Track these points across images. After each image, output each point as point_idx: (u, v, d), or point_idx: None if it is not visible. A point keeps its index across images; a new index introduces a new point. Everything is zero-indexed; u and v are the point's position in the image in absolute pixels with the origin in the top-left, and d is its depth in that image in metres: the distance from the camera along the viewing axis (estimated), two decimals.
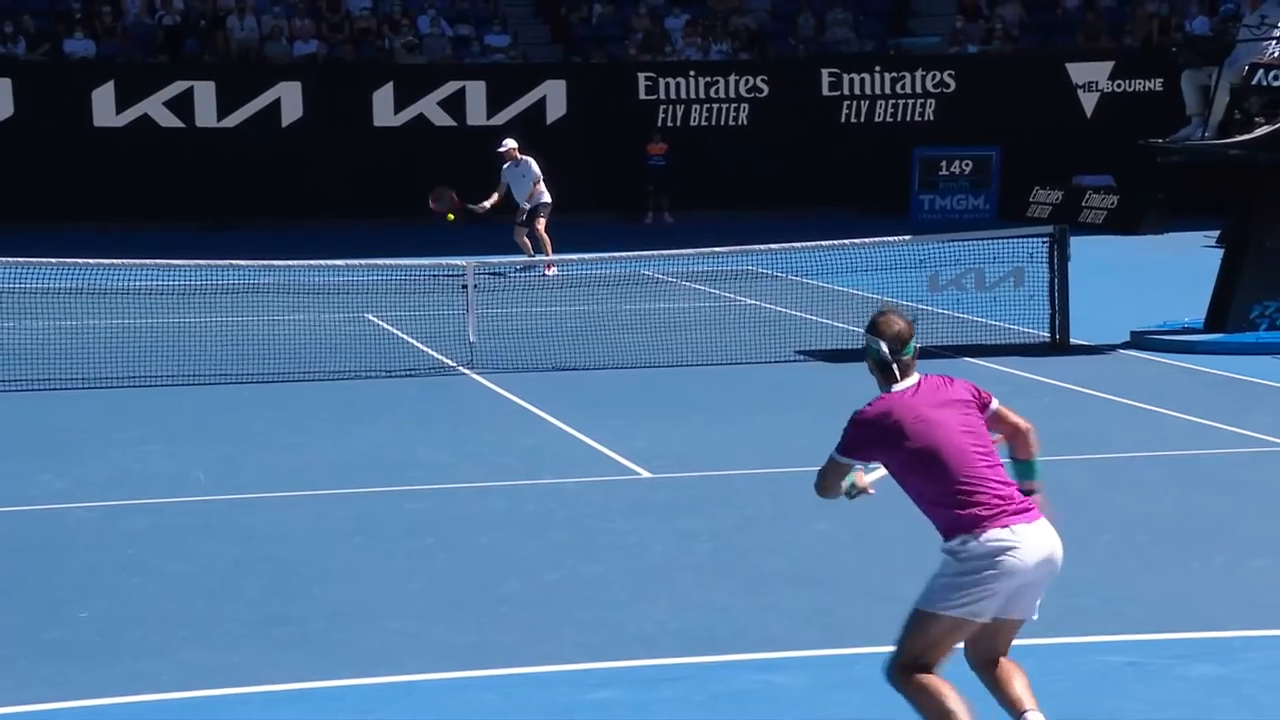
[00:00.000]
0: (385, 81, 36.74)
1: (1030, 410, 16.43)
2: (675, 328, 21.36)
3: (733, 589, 10.76)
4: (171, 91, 36.00)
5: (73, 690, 9.01)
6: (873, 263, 23.04)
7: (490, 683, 9.10)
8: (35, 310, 21.18)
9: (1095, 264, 21.19)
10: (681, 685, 9.01)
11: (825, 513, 12.58)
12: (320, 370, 18.83)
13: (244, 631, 10.02)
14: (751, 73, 38.07)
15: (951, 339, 20.12)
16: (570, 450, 14.91)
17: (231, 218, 33.61)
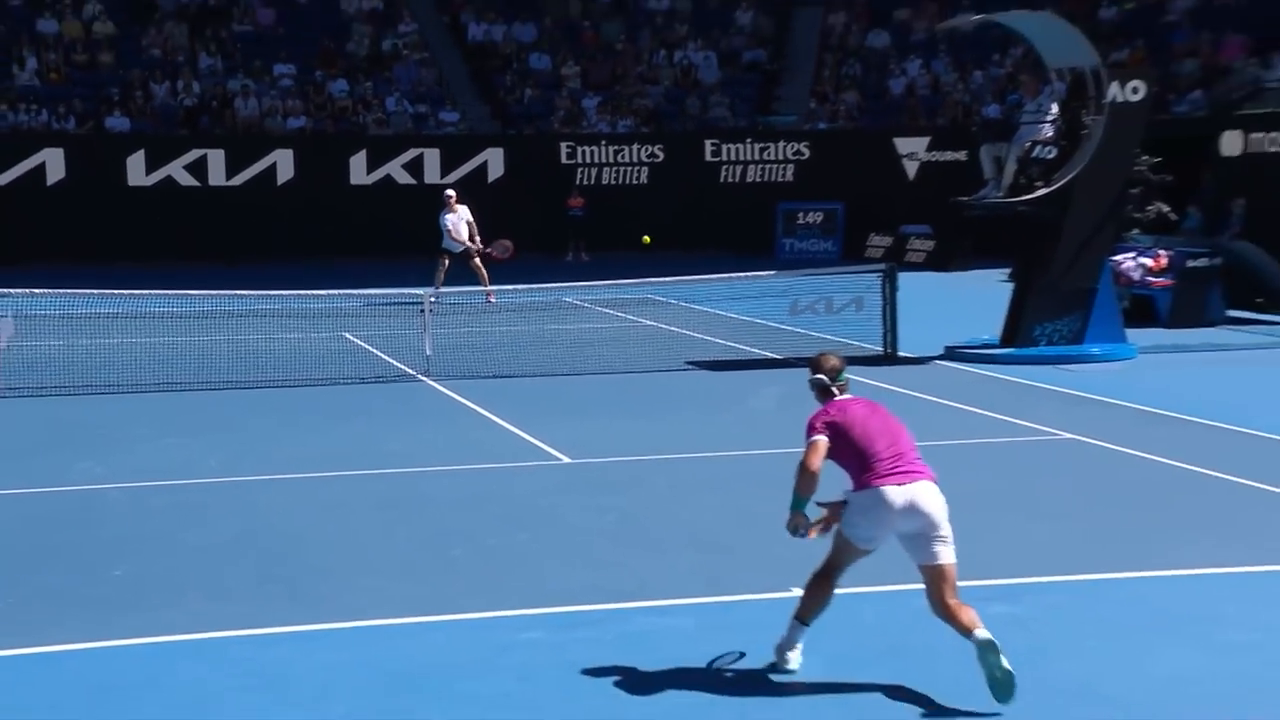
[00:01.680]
0: (359, 149, 36.62)
1: None
2: (591, 343, 21.38)
3: (635, 551, 10.74)
4: (190, 157, 35.81)
5: (109, 633, 8.95)
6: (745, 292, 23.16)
7: (440, 626, 9.06)
8: (79, 331, 21.04)
9: (917, 294, 21.30)
10: (594, 628, 8.98)
11: (710, 491, 12.63)
12: (307, 378, 18.71)
13: (245, 587, 9.93)
14: (650, 142, 38.14)
15: (807, 352, 20.11)
16: (507, 441, 14.86)
17: (236, 257, 33.37)
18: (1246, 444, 14.19)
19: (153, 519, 11.89)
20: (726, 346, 21.18)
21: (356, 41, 40.06)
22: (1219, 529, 11.07)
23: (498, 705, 7.73)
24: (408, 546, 10.94)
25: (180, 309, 22.68)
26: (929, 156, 37.92)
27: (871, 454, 7.95)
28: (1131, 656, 8.32)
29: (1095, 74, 19.49)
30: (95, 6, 39.36)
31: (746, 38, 42.40)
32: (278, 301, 24.62)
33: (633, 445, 14.45)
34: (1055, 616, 8.98)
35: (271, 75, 38.69)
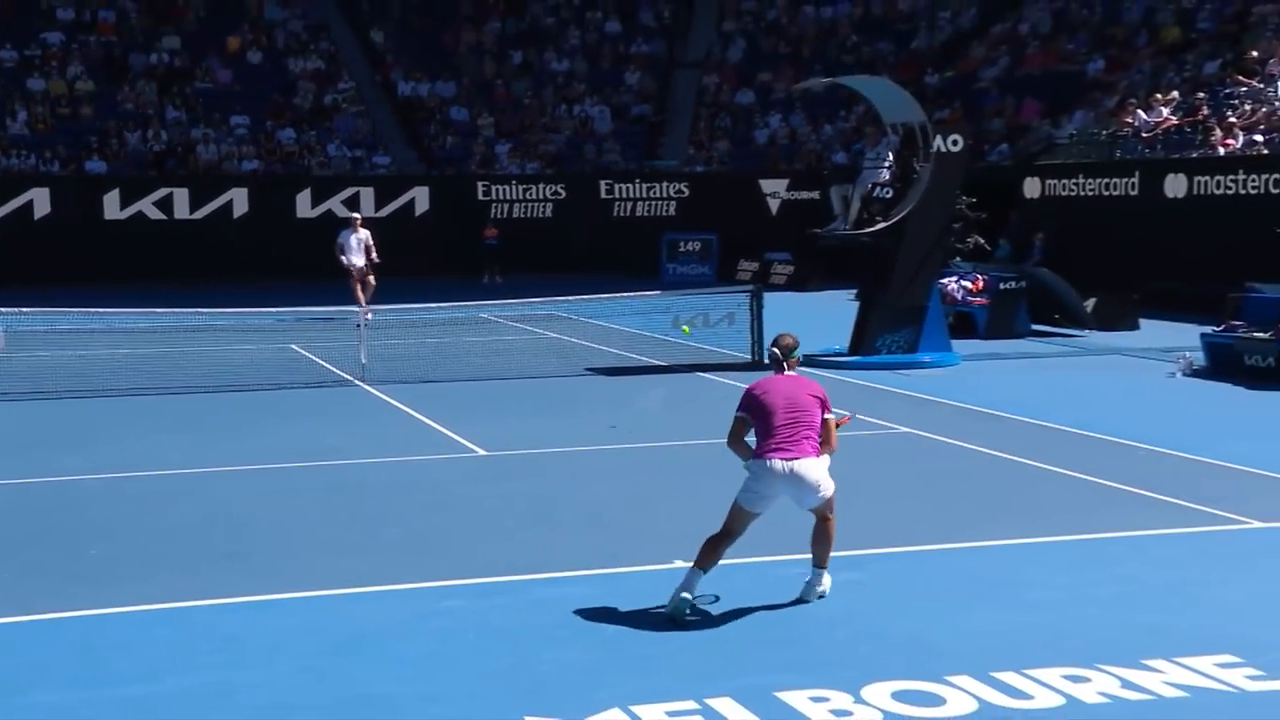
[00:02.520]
0: (304, 188, 36.17)
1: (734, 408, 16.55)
2: (504, 353, 21.30)
3: (541, 530, 10.73)
4: (158, 195, 35.18)
5: (88, 603, 8.83)
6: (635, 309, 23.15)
7: (375, 595, 9.00)
8: (63, 344, 20.67)
9: (779, 310, 21.42)
10: (506, 596, 8.97)
11: (606, 478, 12.64)
12: (260, 384, 18.47)
13: (206, 563, 9.81)
14: (553, 182, 38.03)
15: (689, 360, 20.25)
16: (432, 437, 14.77)
17: (197, 279, 32.87)
18: (1048, 436, 14.44)
19: (126, 505, 11.71)
20: (620, 355, 21.21)
21: (302, 96, 39.69)
22: (1026, 506, 11.26)
23: (424, 663, 7.71)
24: (347, 527, 10.86)
25: (150, 325, 22.30)
26: (788, 195, 38.15)
27: (769, 430, 8.28)
28: (952, 614, 8.45)
29: (923, 129, 19.73)
30: (77, 67, 38.80)
31: (634, 94, 42.49)
32: (235, 318, 24.33)
33: (539, 440, 14.42)
34: (892, 581, 9.10)
35: (229, 125, 38.22)
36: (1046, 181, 30.80)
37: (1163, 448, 13.49)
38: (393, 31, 42.97)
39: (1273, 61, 29.68)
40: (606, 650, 7.83)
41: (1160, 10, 36.52)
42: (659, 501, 11.61)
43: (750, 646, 7.83)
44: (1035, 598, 8.72)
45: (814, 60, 42.65)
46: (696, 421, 15.59)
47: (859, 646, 7.82)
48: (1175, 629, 8.04)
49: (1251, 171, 25.63)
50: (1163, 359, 19.85)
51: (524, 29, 44.19)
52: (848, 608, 8.54)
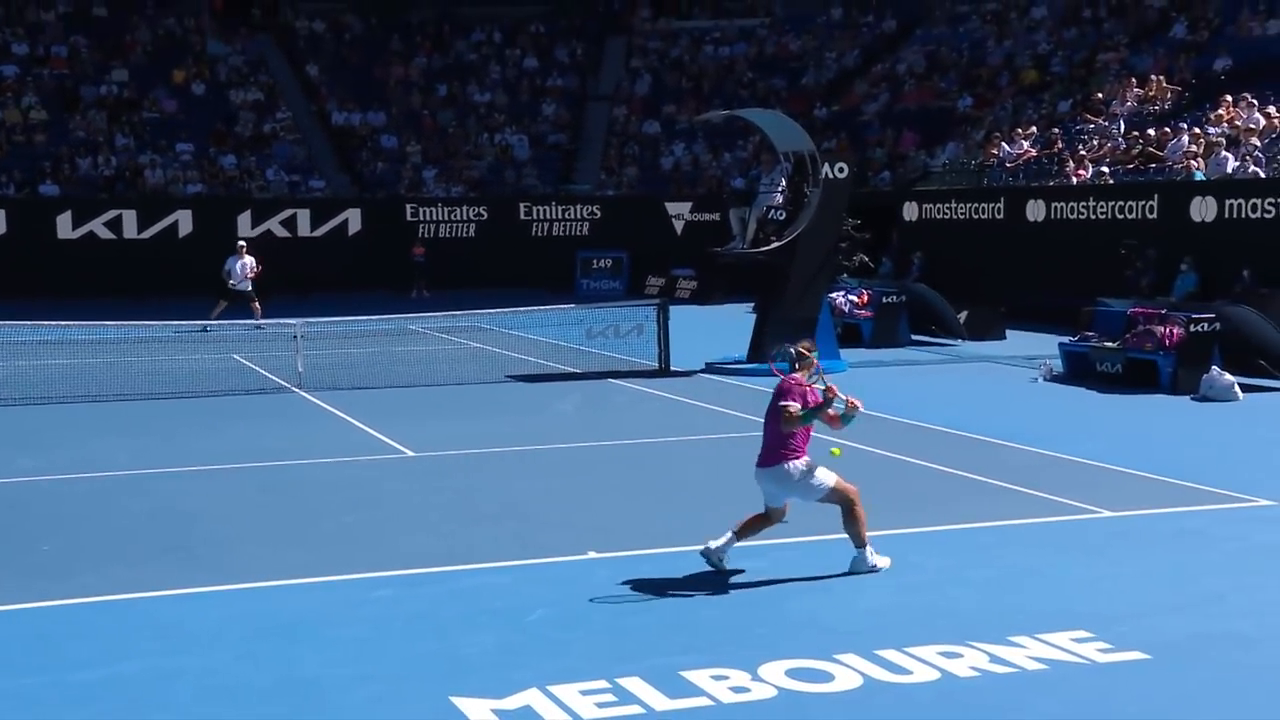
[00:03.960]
0: (245, 209, 35.67)
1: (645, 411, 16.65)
2: (430, 362, 21.14)
3: (465, 524, 10.66)
4: (108, 216, 34.53)
5: (41, 595, 8.61)
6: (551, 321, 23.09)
7: (309, 586, 8.88)
8: (18, 354, 20.21)
9: (684, 323, 21.47)
10: (433, 585, 8.89)
11: (525, 476, 12.57)
12: (203, 390, 18.19)
13: (153, 556, 9.63)
14: (477, 204, 37.79)
15: (602, 368, 20.22)
16: (364, 439, 14.62)
17: (146, 294, 32.27)
18: (927, 435, 14.59)
19: (77, 503, 11.46)
20: (538, 364, 21.13)
21: (243, 125, 39.15)
22: (907, 499, 11.37)
23: (357, 647, 7.62)
24: (284, 522, 10.71)
25: (101, 337, 21.84)
26: (692, 217, 38.23)
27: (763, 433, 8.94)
28: (843, 597, 8.51)
29: (812, 157, 19.87)
30: (32, 98, 38.04)
31: (551, 124, 42.41)
32: (180, 330, 23.96)
33: (464, 441, 14.32)
34: (792, 569, 9.11)
35: (174, 151, 37.61)
36: (923, 206, 31.20)
37: (1026, 445, 13.69)
38: (327, 65, 42.57)
39: (1115, 102, 30.39)
40: (524, 635, 7.78)
41: (1019, 54, 37.31)
42: (574, 497, 11.57)
43: (658, 631, 7.83)
44: (915, 580, 8.80)
45: (714, 94, 42.86)
46: (607, 423, 15.58)
47: (757, 628, 7.84)
48: (1035, 608, 8.16)
49: (1100, 199, 26.16)
50: (1026, 365, 20.15)
51: (449, 64, 43.97)
52: (748, 593, 8.56)
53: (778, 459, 8.74)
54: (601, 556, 9.44)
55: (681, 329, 21.09)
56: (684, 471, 12.64)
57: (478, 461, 13.31)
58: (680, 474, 12.52)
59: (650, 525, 10.46)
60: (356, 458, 13.50)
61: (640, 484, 12.12)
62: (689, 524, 10.22)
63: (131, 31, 41.57)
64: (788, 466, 8.71)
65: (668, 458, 13.47)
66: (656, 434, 14.73)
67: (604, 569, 9.09)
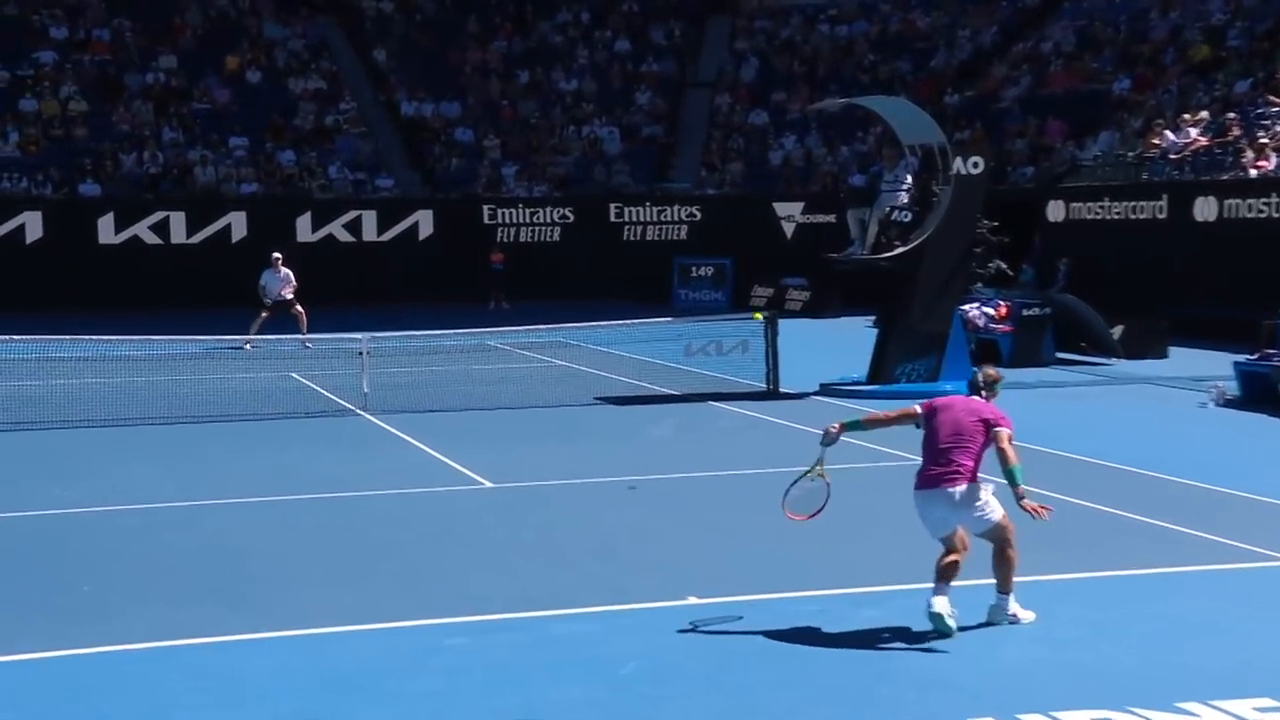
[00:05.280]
0: (305, 210, 36.29)
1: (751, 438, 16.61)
2: (510, 381, 21.28)
3: (548, 564, 10.67)
4: (154, 218, 35.31)
5: (75, 641, 8.74)
6: (645, 336, 23.13)
7: (373, 633, 8.94)
8: (54, 372, 20.70)
9: (795, 338, 21.39)
10: (512, 633, 8.90)
11: (615, 510, 12.58)
12: (258, 413, 18.47)
13: (199, 597, 9.76)
14: (562, 205, 38.07)
15: (701, 389, 20.20)
16: (436, 468, 14.73)
17: (195, 305, 32.89)
18: (1074, 467, 14.36)
19: (116, 538, 11.67)
20: (629, 384, 21.17)
21: (302, 117, 39.80)
22: (1051, 541, 11.16)
23: (426, 703, 7.64)
24: (345, 561, 10.81)
25: (145, 353, 22.31)
26: (804, 219, 38.11)
27: (924, 456, 8.79)
28: (976, 652, 8.37)
29: (942, 150, 19.71)
30: (70, 87, 38.93)
31: (645, 115, 42.56)
32: (231, 345, 24.38)
33: (547, 470, 14.37)
34: (913, 618, 8.99)
35: (227, 146, 38.33)
36: (1071, 204, 30.76)
37: (1194, 480, 13.41)
38: (396, 50, 43.11)
39: None
40: (615, 690, 7.76)
41: (1188, 28, 36.49)
42: (670, 534, 11.55)
43: (765, 688, 7.75)
44: (1063, 635, 8.64)
45: (829, 80, 42.72)
46: (709, 451, 15.54)
47: (879, 686, 7.74)
48: (1209, 670, 7.95)
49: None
50: (1193, 388, 19.78)
51: (531, 47, 44.31)
52: (868, 646, 8.46)
53: (956, 479, 8.66)
54: (702, 602, 9.40)
55: (792, 345, 21.00)
56: None
57: (563, 493, 13.34)
58: None
59: (757, 568, 10.40)
60: (427, 488, 13.60)
61: (746, 521, 12.06)
62: (801, 567, 10.13)
63: (181, 13, 42.45)
64: (967, 488, 8.66)
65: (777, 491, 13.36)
66: (764, 464, 14.65)
67: (705, 616, 9.04)
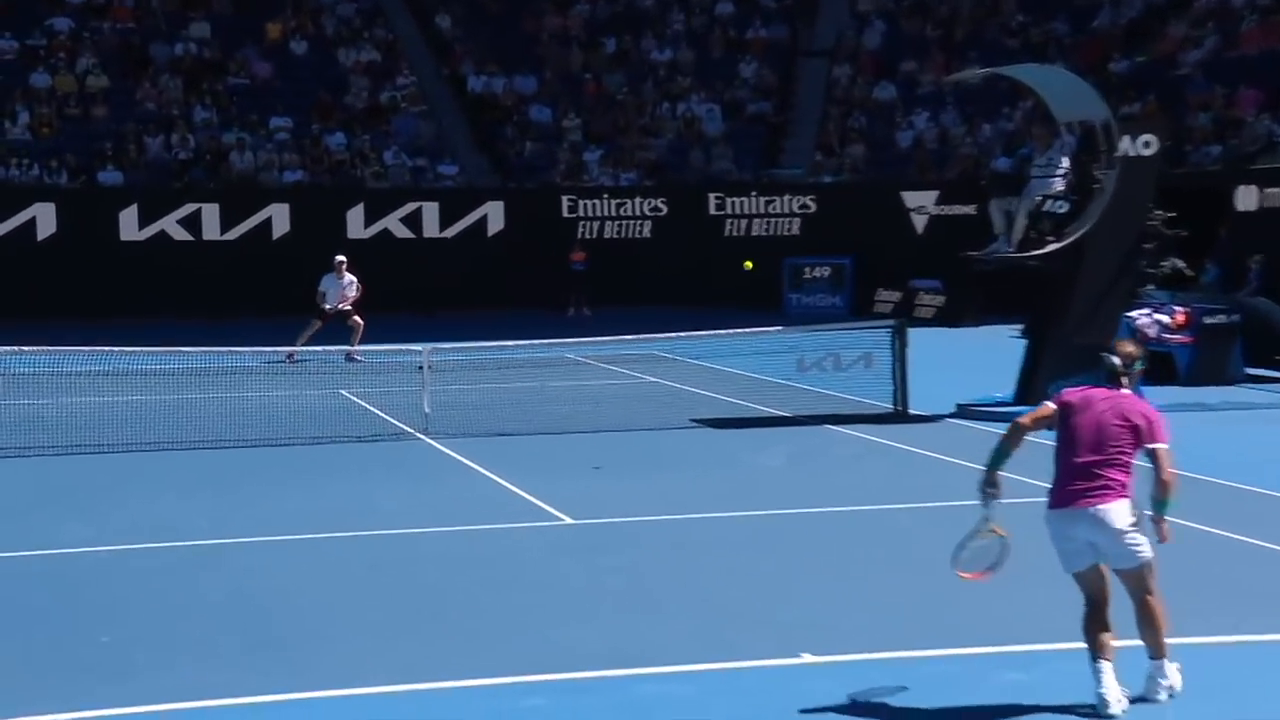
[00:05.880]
0: (357, 202, 36.64)
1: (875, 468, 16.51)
2: (593, 400, 21.33)
3: (638, 614, 10.66)
4: (184, 211, 35.78)
5: (93, 701, 8.83)
6: (752, 348, 23.08)
7: (438, 693, 8.96)
8: (72, 388, 20.99)
9: (927, 350, 21.23)
10: (597, 694, 8.90)
11: (715, 553, 12.54)
12: (301, 436, 18.64)
13: (235, 653, 9.85)
14: (653, 195, 38.17)
15: (816, 410, 20.12)
16: (507, 501, 14.79)
17: (230, 312, 33.33)
18: (1267, 505, 14.10)
19: (142, 582, 11.81)
20: (732, 404, 21.12)
21: (354, 94, 40.20)
22: (1239, 595, 10.97)
23: None
24: (403, 609, 10.86)
25: (172, 367, 22.61)
26: (938, 210, 37.92)
27: (1058, 467, 8.45)
28: None
29: (1106, 127, 19.49)
30: (89, 60, 39.48)
31: (751, 89, 42.55)
32: (270, 358, 24.61)
33: (636, 505, 14.37)
34: (1068, 685, 8.85)
35: (267, 128, 38.81)
36: (1266, 190, 30.23)
37: None
38: (462, 17, 43.45)
39: None
40: None
41: None
42: (780, 581, 11.49)
43: None
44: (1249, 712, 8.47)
45: (969, 46, 42.46)
46: (825, 484, 15.45)
47: None
48: None
49: None
50: None
51: (619, 11, 44.49)
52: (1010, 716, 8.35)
53: (1103, 495, 8.28)
54: (817, 661, 9.34)
55: (924, 359, 20.84)
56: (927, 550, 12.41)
57: (654, 532, 13.32)
58: (922, 554, 12.30)
59: (882, 621, 10.33)
60: (496, 525, 13.65)
61: (869, 566, 11.97)
62: (933, 620, 10.04)
63: None
64: (1116, 507, 8.29)
65: (906, 532, 13.28)
66: (891, 499, 14.56)
67: (820, 678, 8.99)
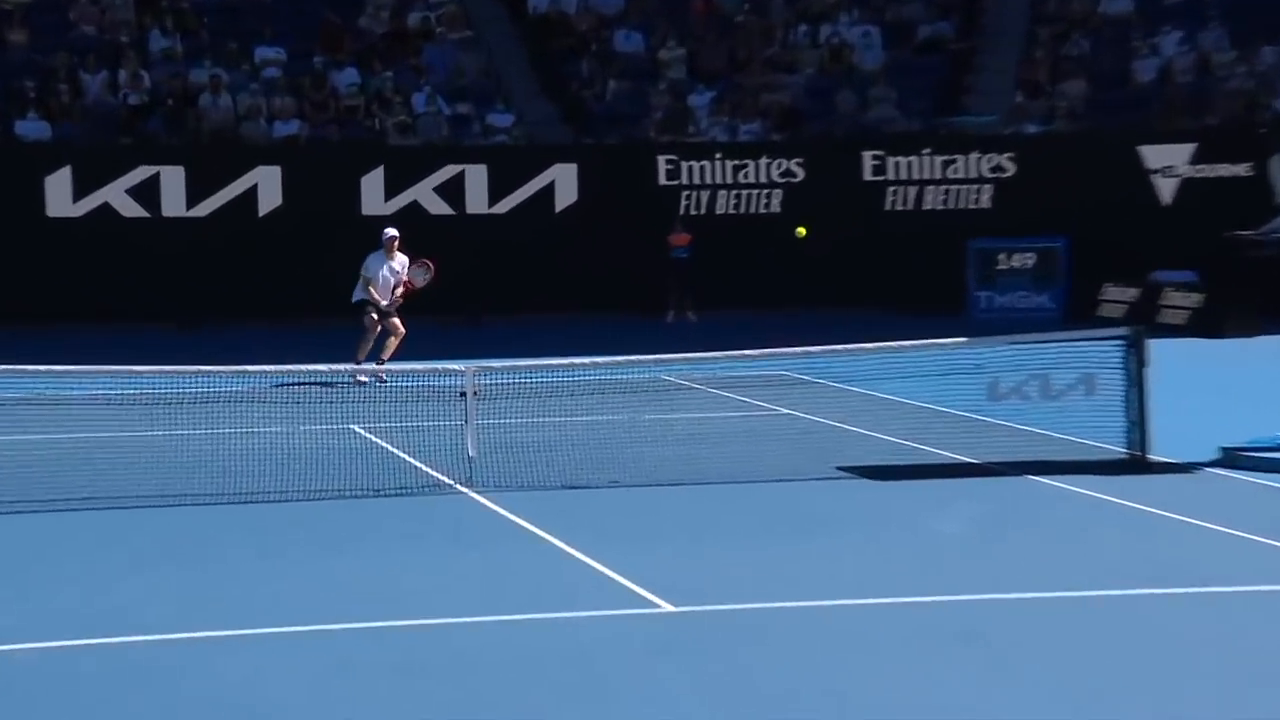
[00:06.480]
0: (375, 165, 36.78)
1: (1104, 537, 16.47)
2: (700, 440, 21.32)
3: None
4: (135, 178, 36.10)
5: None
6: (922, 368, 22.96)
7: None
8: None
9: (1177, 371, 21.09)
10: None
11: (873, 655, 12.50)
12: (299, 490, 18.75)
13: None
14: (785, 155, 38.12)
15: (1013, 454, 19.99)
16: (581, 579, 14.82)
17: (202, 318, 33.59)
18: None
19: (82, 690, 11.91)
20: (895, 445, 21.03)
21: (372, 15, 40.46)
22: None
23: None
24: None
25: (123, 392, 22.79)
26: (1193, 171, 37.65)
27: None
28: None
29: None
30: None
31: (924, 5, 42.51)
32: (258, 381, 24.71)
33: (762, 587, 14.34)
34: None
35: (252, 62, 39.08)
36: None
37: None
38: None
39: None
40: None
41: None
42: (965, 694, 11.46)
43: None
44: None
45: None
46: (1030, 558, 15.37)
47: None
48: None
49: None
50: None
51: None
52: None
53: None
54: None
55: (1172, 383, 20.72)
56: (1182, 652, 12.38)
57: (787, 625, 13.32)
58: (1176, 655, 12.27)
59: None
60: (568, 613, 13.68)
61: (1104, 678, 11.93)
62: None
63: None
64: None
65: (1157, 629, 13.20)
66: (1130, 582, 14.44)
67: None
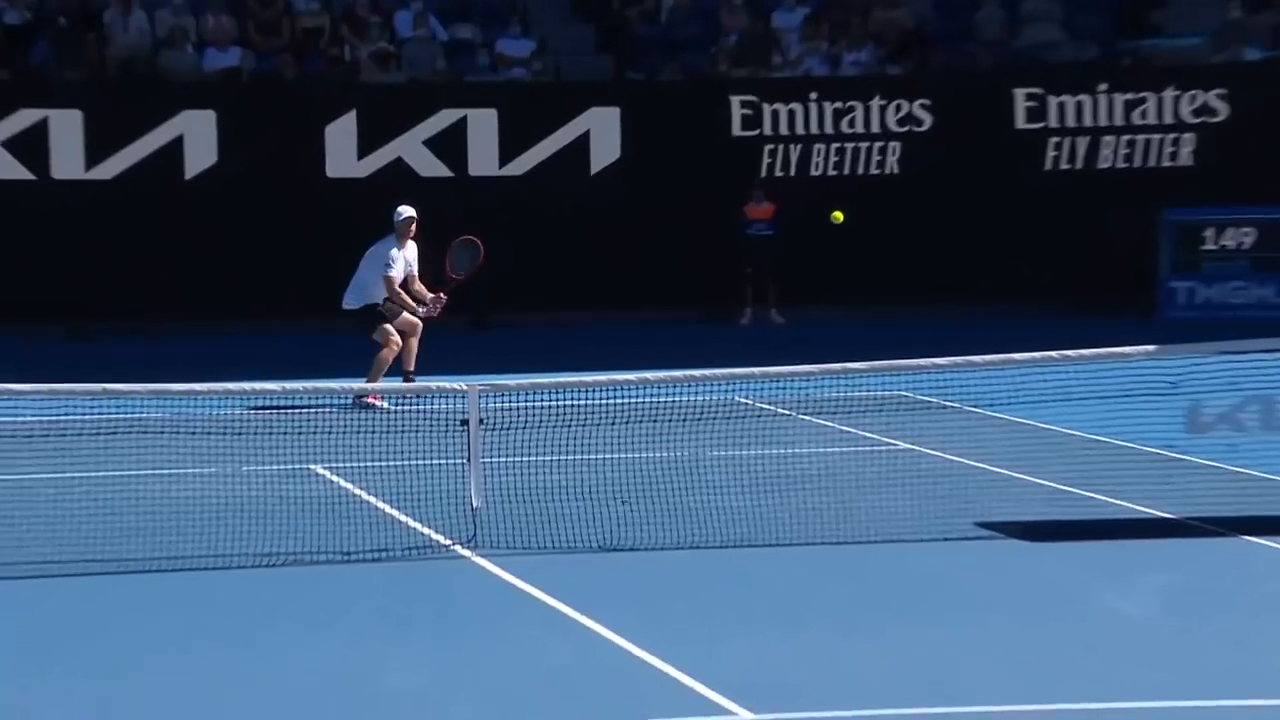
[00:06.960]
0: (344, 110, 36.90)
1: None
2: (785, 484, 21.39)
3: None
4: (15, 125, 36.37)
5: None
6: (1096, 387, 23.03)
7: None
8: None
9: None
10: None
11: None
12: (242, 554, 18.89)
13: None
14: (906, 95, 38.18)
15: (1224, 506, 20.02)
16: (622, 673, 14.92)
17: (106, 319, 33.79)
18: None
19: None
20: (1055, 492, 21.11)
21: None
22: None
23: None
24: None
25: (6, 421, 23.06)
26: None
27: None
28: None
29: None
30: None
31: None
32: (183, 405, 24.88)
33: (868, 688, 14.46)
34: None
35: None
36: None
37: None
38: None
39: None
40: None
41: None
42: None
43: None
44: None
45: None
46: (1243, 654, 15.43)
47: None
48: None
49: None
50: None
51: None
52: None
53: None
54: None
55: None
56: None
57: None
58: None
59: None
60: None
61: None
62: None
63: None
64: None
65: None
66: None
67: None
